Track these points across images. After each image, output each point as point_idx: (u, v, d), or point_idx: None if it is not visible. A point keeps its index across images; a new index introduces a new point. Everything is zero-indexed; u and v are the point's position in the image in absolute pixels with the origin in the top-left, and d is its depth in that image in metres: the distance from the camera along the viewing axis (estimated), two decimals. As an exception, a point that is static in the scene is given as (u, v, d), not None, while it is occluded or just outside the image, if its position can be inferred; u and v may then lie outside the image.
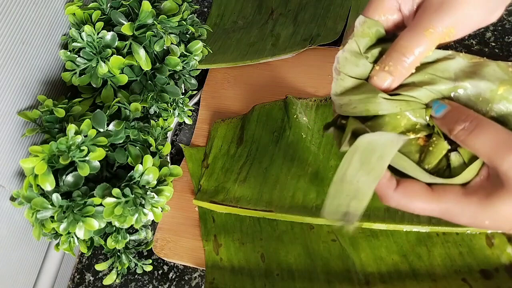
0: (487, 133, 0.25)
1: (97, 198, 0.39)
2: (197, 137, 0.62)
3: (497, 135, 0.25)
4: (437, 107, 0.27)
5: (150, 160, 0.42)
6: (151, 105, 0.49)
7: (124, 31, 0.45)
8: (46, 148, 0.38)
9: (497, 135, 0.25)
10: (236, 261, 0.52)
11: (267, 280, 0.49)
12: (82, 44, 0.45)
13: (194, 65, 0.53)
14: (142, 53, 0.46)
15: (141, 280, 0.55)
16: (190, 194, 0.58)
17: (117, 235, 0.45)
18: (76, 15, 0.47)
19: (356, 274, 0.47)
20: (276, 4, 0.70)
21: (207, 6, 0.75)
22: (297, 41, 0.64)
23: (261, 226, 0.53)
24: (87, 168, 0.39)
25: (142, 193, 0.41)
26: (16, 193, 0.41)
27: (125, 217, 0.40)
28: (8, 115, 0.43)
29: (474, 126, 0.25)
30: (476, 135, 0.25)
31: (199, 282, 0.54)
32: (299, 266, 0.49)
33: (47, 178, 0.38)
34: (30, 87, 0.45)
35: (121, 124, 0.42)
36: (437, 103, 0.27)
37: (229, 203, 0.54)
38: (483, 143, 0.25)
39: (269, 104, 0.60)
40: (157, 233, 0.56)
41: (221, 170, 0.58)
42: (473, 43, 0.59)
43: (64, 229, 0.39)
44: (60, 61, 0.49)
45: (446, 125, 0.27)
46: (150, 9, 0.45)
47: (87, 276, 0.58)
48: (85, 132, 0.39)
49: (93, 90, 0.48)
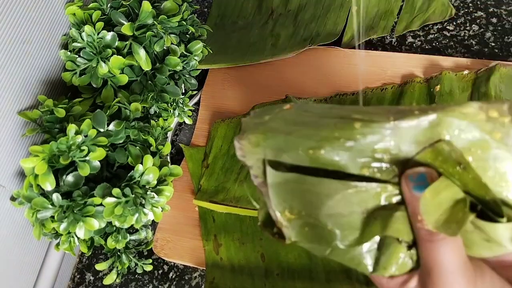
0: (455, 251, 0.21)
1: (97, 198, 0.40)
2: (197, 137, 0.62)
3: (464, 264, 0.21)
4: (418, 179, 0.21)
5: (150, 160, 0.42)
6: (151, 105, 0.49)
7: (124, 31, 0.45)
8: (46, 148, 0.39)
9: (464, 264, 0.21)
10: (236, 261, 0.52)
11: (267, 280, 0.49)
12: (82, 44, 0.45)
13: (194, 65, 0.53)
14: (142, 53, 0.46)
15: (141, 280, 0.55)
16: (190, 194, 0.58)
17: (117, 235, 0.45)
18: (76, 15, 0.47)
19: (356, 274, 0.47)
20: (276, 4, 0.70)
21: (207, 6, 0.75)
22: (297, 41, 0.64)
23: (261, 226, 0.53)
24: (87, 168, 0.39)
25: (142, 193, 0.41)
26: (16, 193, 0.42)
27: (125, 217, 0.40)
28: (9, 115, 0.43)
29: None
30: (444, 248, 0.21)
31: (199, 282, 0.54)
32: (299, 266, 0.49)
33: (48, 178, 0.38)
34: (30, 87, 0.45)
35: (121, 124, 0.42)
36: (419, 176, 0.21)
37: (229, 203, 0.54)
38: (447, 260, 0.21)
39: (269, 104, 0.60)
40: (157, 233, 0.56)
41: (221, 170, 0.58)
42: (473, 43, 0.59)
43: (64, 229, 0.39)
44: (60, 61, 0.49)
45: (416, 209, 0.21)
46: (150, 9, 0.45)
47: (87, 276, 0.58)
48: (86, 132, 0.39)
49: (93, 90, 0.48)
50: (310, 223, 0.24)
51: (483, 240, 0.21)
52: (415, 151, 0.21)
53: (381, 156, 0.22)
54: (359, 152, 0.22)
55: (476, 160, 0.20)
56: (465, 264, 0.21)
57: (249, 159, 0.25)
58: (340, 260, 0.24)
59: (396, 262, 0.23)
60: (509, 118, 0.20)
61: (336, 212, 0.23)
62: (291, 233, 0.24)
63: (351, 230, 0.23)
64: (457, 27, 0.61)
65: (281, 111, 0.25)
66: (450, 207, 0.20)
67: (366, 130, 0.21)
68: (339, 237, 0.23)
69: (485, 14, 0.61)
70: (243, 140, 0.25)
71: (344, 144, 0.22)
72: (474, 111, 0.20)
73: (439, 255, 0.21)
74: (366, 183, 0.22)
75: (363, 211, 0.22)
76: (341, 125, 0.22)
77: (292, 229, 0.24)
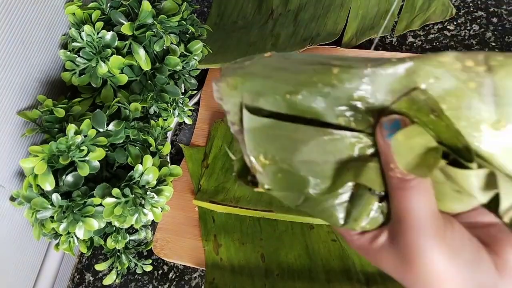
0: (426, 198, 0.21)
1: (97, 198, 0.39)
2: (197, 137, 0.62)
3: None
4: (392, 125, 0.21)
5: (150, 160, 0.42)
6: (151, 105, 0.49)
7: (124, 31, 0.45)
8: (46, 148, 0.38)
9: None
10: (236, 261, 0.52)
11: (267, 280, 0.49)
12: (82, 44, 0.45)
13: (194, 65, 0.53)
14: (142, 53, 0.46)
15: (141, 280, 0.55)
16: (190, 194, 0.58)
17: (117, 235, 0.45)
18: (76, 15, 0.46)
19: (356, 274, 0.47)
20: (276, 4, 0.70)
21: (207, 5, 0.75)
22: (297, 41, 0.64)
23: (261, 226, 0.53)
24: (87, 168, 0.39)
25: (142, 193, 0.41)
26: (16, 193, 0.41)
27: (125, 217, 0.40)
28: (8, 115, 0.43)
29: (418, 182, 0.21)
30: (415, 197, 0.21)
31: (199, 282, 0.54)
32: (299, 266, 0.49)
33: (47, 178, 0.38)
34: (30, 87, 0.45)
35: (121, 124, 0.42)
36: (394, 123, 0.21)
37: (229, 203, 0.54)
38: (418, 208, 0.21)
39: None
40: (157, 233, 0.56)
41: (221, 170, 0.58)
42: (473, 43, 0.59)
43: (64, 229, 0.39)
44: (60, 61, 0.49)
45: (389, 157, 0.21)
46: (150, 9, 0.45)
47: (87, 276, 0.58)
48: (85, 132, 0.39)
49: (92, 90, 0.48)
50: (284, 170, 0.24)
51: (455, 192, 0.22)
52: (390, 100, 0.21)
53: (357, 104, 0.22)
54: (336, 100, 0.22)
55: (450, 109, 0.20)
56: (436, 214, 0.21)
57: (226, 102, 0.24)
58: (312, 211, 0.25)
59: (367, 214, 0.23)
60: (483, 68, 0.20)
61: (310, 159, 0.23)
62: (264, 179, 0.24)
63: (324, 179, 0.23)
64: (458, 26, 0.61)
65: (262, 58, 0.25)
66: (422, 153, 0.20)
67: (344, 76, 0.21)
68: (312, 184, 0.23)
69: (485, 14, 0.61)
70: (221, 82, 0.24)
71: (322, 89, 0.22)
72: (450, 60, 0.20)
73: (411, 203, 0.21)
74: (342, 131, 0.22)
75: (336, 160, 0.23)
76: (320, 70, 0.22)
77: (266, 175, 0.24)
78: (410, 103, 0.21)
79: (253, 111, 0.24)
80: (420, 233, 0.21)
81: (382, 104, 0.21)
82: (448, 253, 0.20)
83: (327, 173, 0.23)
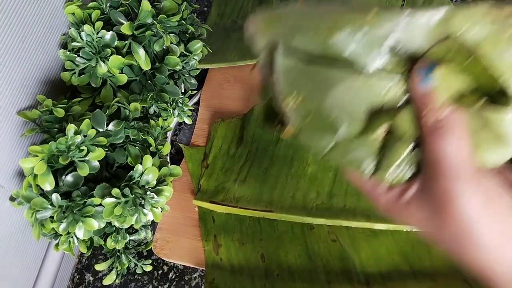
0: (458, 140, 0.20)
1: (96, 198, 0.39)
2: (197, 137, 0.62)
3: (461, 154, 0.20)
4: (427, 70, 0.20)
5: (150, 160, 0.42)
6: (151, 105, 0.49)
7: (124, 30, 0.45)
8: (45, 148, 0.38)
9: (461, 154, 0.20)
10: (236, 261, 0.51)
11: (267, 280, 0.49)
12: (81, 44, 0.45)
13: (194, 65, 0.53)
14: (141, 52, 0.46)
15: (141, 280, 0.55)
16: (190, 194, 0.58)
17: (116, 235, 0.45)
18: (75, 15, 0.46)
19: (356, 274, 0.47)
20: (276, 3, 0.70)
21: (207, 5, 0.75)
22: (297, 41, 0.64)
23: (261, 226, 0.53)
24: (86, 168, 0.39)
25: (141, 193, 0.41)
26: (15, 193, 0.41)
27: (124, 217, 0.40)
28: (8, 115, 0.43)
29: None
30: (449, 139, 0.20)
31: (199, 282, 0.54)
32: (299, 266, 0.49)
33: (47, 178, 0.38)
34: (29, 87, 0.45)
35: (121, 124, 0.42)
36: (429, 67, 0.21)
37: (229, 203, 0.54)
38: (451, 152, 0.20)
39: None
40: (157, 233, 0.56)
41: (221, 170, 0.57)
42: (474, 43, 0.59)
43: (63, 229, 0.39)
44: (59, 61, 0.49)
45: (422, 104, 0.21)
46: (149, 8, 0.45)
47: (87, 276, 0.58)
48: (85, 132, 0.39)
49: (92, 90, 0.48)
50: (314, 112, 0.24)
51: (490, 140, 0.22)
52: (426, 47, 0.21)
53: (393, 49, 0.22)
54: (372, 43, 0.22)
55: (486, 54, 0.21)
56: (471, 159, 0.20)
57: (259, 39, 0.24)
58: (340, 160, 0.24)
59: (398, 163, 0.23)
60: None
61: (342, 102, 0.23)
62: (295, 119, 0.24)
63: (356, 122, 0.23)
64: (458, 26, 0.61)
65: (294, 6, 0.25)
66: (459, 94, 0.21)
67: (382, 17, 0.21)
68: (343, 128, 0.23)
69: (485, 13, 0.61)
70: (258, 16, 0.24)
71: (360, 28, 0.21)
72: (485, 9, 0.20)
73: (444, 147, 0.20)
74: (376, 77, 0.22)
75: (368, 106, 0.22)
76: (359, 10, 0.22)
77: (295, 117, 0.24)
78: (446, 49, 0.21)
79: (287, 51, 0.23)
80: (453, 178, 0.20)
81: (416, 51, 0.21)
82: (485, 199, 0.20)
83: (359, 117, 0.23)
